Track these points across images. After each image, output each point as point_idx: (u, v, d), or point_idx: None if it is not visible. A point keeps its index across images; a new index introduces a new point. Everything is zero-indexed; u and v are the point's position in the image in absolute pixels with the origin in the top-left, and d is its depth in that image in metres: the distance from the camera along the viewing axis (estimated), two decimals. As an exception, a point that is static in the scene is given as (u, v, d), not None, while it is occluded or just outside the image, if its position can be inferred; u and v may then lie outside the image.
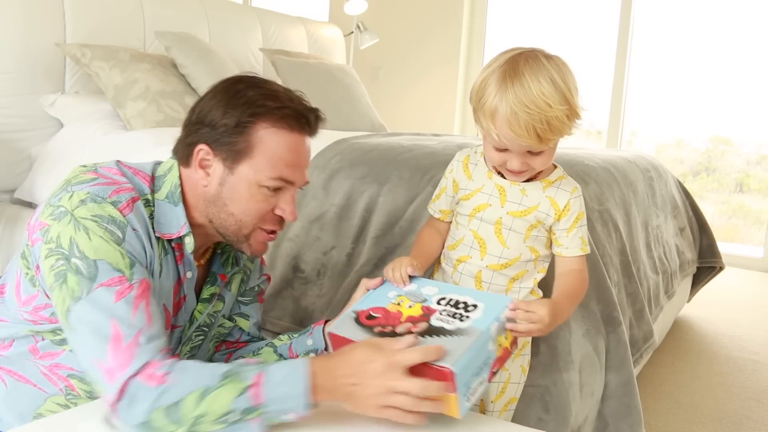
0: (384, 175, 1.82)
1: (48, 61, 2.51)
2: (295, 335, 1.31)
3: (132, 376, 0.93)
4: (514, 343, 1.09)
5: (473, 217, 1.26)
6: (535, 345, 1.40)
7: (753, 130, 4.35)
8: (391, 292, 1.15)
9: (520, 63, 1.10)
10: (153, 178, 1.13)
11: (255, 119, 1.08)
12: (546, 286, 1.32)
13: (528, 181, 1.23)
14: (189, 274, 1.16)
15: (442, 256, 1.33)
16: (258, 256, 1.29)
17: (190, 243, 1.12)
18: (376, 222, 1.75)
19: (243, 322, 1.34)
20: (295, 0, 5.02)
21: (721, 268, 2.90)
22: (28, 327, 1.09)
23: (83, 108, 2.54)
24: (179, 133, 1.17)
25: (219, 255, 1.26)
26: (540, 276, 1.31)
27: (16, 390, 1.11)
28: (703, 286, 2.96)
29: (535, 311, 1.05)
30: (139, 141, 2.31)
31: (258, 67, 3.43)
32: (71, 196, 1.02)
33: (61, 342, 1.09)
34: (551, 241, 1.27)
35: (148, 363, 0.94)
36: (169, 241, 1.11)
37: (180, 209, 1.12)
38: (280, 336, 1.33)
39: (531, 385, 1.37)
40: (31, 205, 2.54)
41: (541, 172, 1.24)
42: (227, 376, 0.93)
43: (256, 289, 1.35)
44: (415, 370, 0.94)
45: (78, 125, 2.50)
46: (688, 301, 3.01)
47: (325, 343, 1.25)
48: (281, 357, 1.29)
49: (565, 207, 1.22)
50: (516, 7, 4.90)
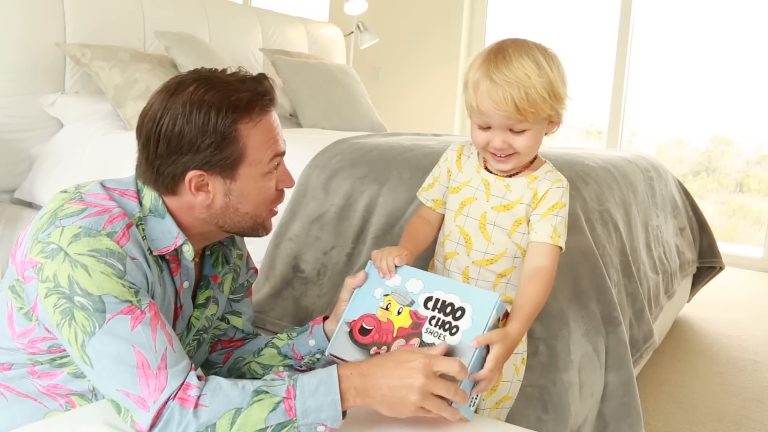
0: (384, 175, 1.82)
1: (48, 61, 2.52)
2: (294, 334, 1.31)
3: (166, 401, 0.93)
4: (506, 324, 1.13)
5: (459, 212, 1.26)
6: (534, 345, 1.40)
7: (753, 130, 4.35)
8: (377, 289, 1.17)
9: (507, 43, 1.16)
10: (137, 192, 1.09)
11: (236, 124, 1.05)
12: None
13: (513, 175, 1.23)
14: (186, 284, 1.14)
15: (435, 252, 1.33)
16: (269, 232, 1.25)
17: (189, 251, 1.10)
18: (376, 222, 1.75)
19: (236, 320, 1.34)
20: (295, 0, 5.02)
21: (721, 268, 2.90)
22: (26, 357, 1.07)
23: (83, 108, 2.54)
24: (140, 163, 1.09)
25: (208, 257, 1.24)
26: None
27: (17, 403, 1.10)
28: (703, 286, 2.96)
29: (493, 377, 1.06)
30: (139, 141, 2.31)
31: (258, 67, 3.43)
32: (62, 232, 0.97)
33: (59, 365, 1.07)
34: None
35: (180, 386, 0.95)
36: (161, 255, 1.08)
37: (168, 220, 1.08)
38: (279, 335, 1.32)
39: (530, 385, 1.37)
40: (31, 205, 2.54)
41: (527, 167, 1.23)
42: (258, 392, 0.95)
43: (245, 284, 1.34)
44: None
45: (78, 125, 2.50)
46: (688, 301, 3.01)
47: (327, 343, 1.25)
48: (285, 358, 1.30)
49: (543, 195, 1.21)
50: (516, 7, 4.90)
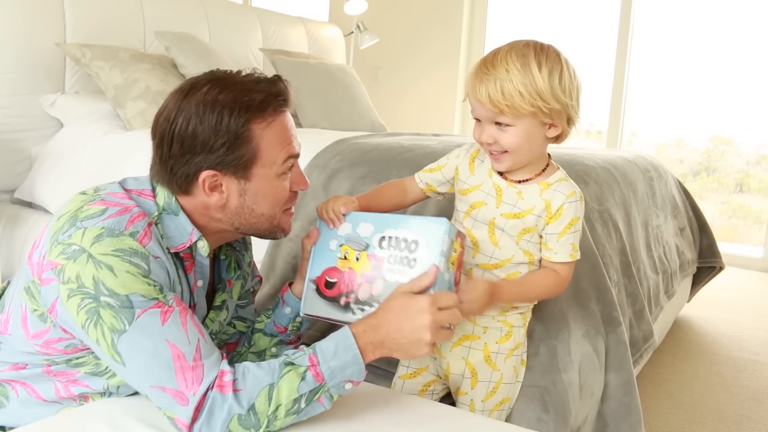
0: (384, 175, 1.81)
1: (48, 61, 2.51)
2: (269, 312, 1.33)
3: (206, 392, 0.95)
4: (463, 245, 1.16)
5: (468, 215, 1.25)
6: (534, 345, 1.40)
7: (753, 129, 4.34)
8: (332, 241, 1.21)
9: (511, 43, 1.17)
10: (153, 191, 1.10)
11: (249, 124, 1.06)
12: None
13: (525, 182, 1.22)
14: (200, 283, 1.14)
15: None
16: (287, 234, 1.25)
17: (204, 246, 1.11)
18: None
19: (242, 326, 1.34)
20: (295, 0, 5.02)
21: (721, 268, 2.90)
22: (41, 358, 1.07)
23: (83, 108, 2.54)
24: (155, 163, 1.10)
25: (223, 261, 1.25)
26: None
27: (32, 399, 1.10)
28: (703, 286, 2.96)
29: (470, 292, 1.13)
30: (139, 141, 2.31)
31: (258, 67, 3.43)
32: (84, 233, 0.98)
33: (75, 365, 1.07)
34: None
35: (217, 375, 0.97)
36: (176, 252, 1.09)
37: (182, 217, 1.09)
38: (258, 319, 1.34)
39: (530, 385, 1.37)
40: (31, 205, 2.54)
41: (539, 174, 1.22)
42: (285, 365, 0.98)
43: (250, 290, 1.35)
44: None
45: (78, 125, 2.50)
46: (688, 301, 3.01)
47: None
48: (273, 336, 1.32)
49: (557, 211, 1.19)
50: (516, 7, 4.90)
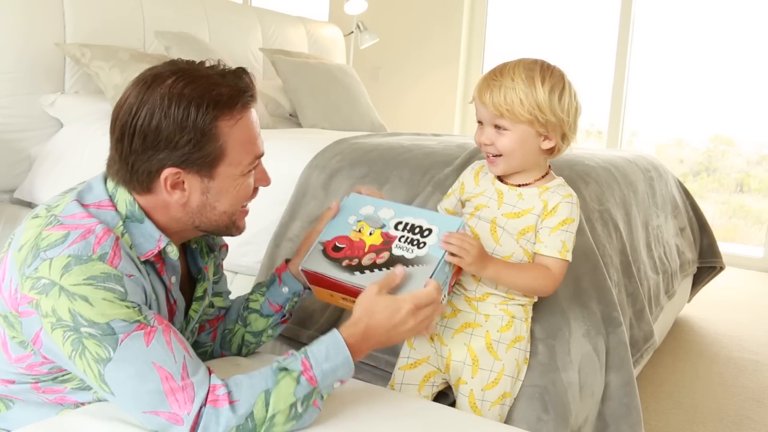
0: (384, 175, 1.81)
1: (48, 61, 2.51)
2: (264, 289, 1.33)
3: (199, 410, 0.95)
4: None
5: (473, 215, 1.34)
6: (534, 345, 1.40)
7: (754, 129, 4.34)
8: (351, 217, 1.24)
9: (521, 59, 1.26)
10: (110, 198, 1.06)
11: (216, 121, 1.02)
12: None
13: (525, 186, 1.31)
14: (173, 279, 1.14)
15: None
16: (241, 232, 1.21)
17: (173, 251, 1.09)
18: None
19: (219, 301, 1.35)
20: (295, 0, 5.01)
21: (721, 268, 2.89)
22: (26, 377, 1.06)
23: (83, 108, 2.53)
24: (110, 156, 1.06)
25: (196, 249, 1.24)
26: None
27: (27, 409, 1.10)
28: (703, 286, 2.96)
29: (466, 242, 1.18)
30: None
31: (258, 66, 3.43)
32: (50, 264, 0.94)
33: (62, 382, 1.06)
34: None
35: (208, 391, 0.96)
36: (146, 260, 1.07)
37: (148, 224, 1.06)
38: (251, 297, 1.34)
39: (530, 384, 1.37)
40: (30, 205, 2.54)
41: (539, 179, 1.31)
42: (279, 371, 0.99)
43: (219, 263, 1.33)
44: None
45: (78, 125, 2.50)
46: (689, 301, 3.01)
47: (300, 284, 1.31)
48: (270, 317, 1.32)
49: (553, 208, 1.28)
50: (516, 7, 4.89)
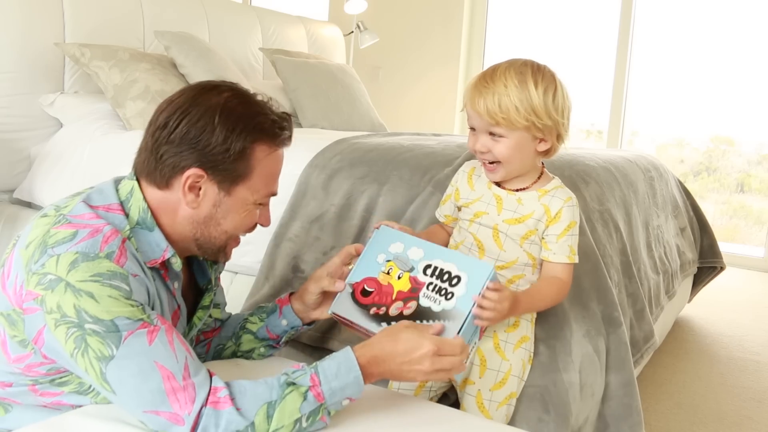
0: (384, 175, 1.81)
1: (47, 61, 2.51)
2: (264, 315, 1.33)
3: (200, 411, 0.95)
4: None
5: (473, 222, 1.33)
6: (535, 345, 1.40)
7: (754, 129, 4.34)
8: (380, 255, 1.25)
9: (510, 60, 1.25)
10: (121, 204, 1.07)
11: (255, 144, 1.07)
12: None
13: (523, 190, 1.30)
14: (176, 284, 1.14)
15: None
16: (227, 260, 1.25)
17: (177, 263, 1.10)
18: (376, 222, 1.74)
19: (216, 312, 1.35)
20: (295, 0, 5.01)
21: (722, 268, 2.89)
22: (25, 379, 1.06)
23: (82, 108, 2.53)
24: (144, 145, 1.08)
25: (203, 261, 1.24)
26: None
27: (26, 411, 1.09)
28: (704, 286, 2.95)
29: (500, 303, 1.15)
30: (138, 141, 2.29)
31: (258, 66, 3.43)
32: (57, 260, 0.95)
33: (59, 385, 1.06)
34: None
35: (209, 392, 0.96)
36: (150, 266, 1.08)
37: (157, 233, 1.08)
38: (250, 319, 1.34)
39: (531, 385, 1.37)
40: (30, 205, 2.53)
41: (535, 182, 1.30)
42: (288, 385, 0.98)
43: (217, 275, 1.34)
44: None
45: (77, 125, 2.49)
46: (689, 301, 3.00)
47: (299, 320, 1.31)
48: (264, 341, 1.32)
49: (557, 214, 1.27)
50: (516, 7, 4.89)
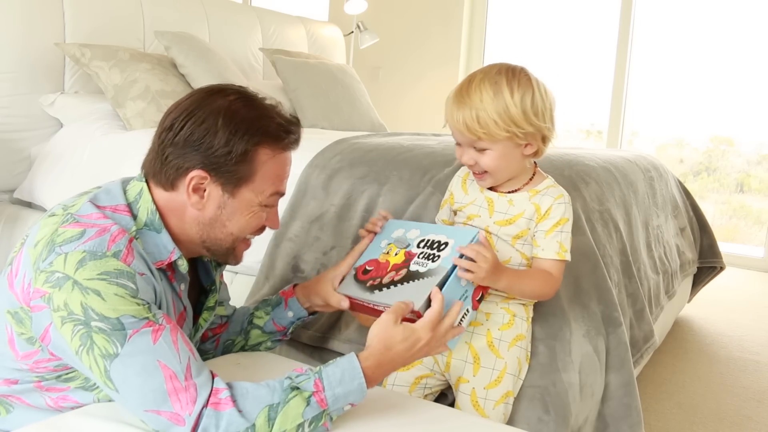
0: (384, 175, 1.81)
1: (47, 61, 2.51)
2: (269, 309, 1.35)
3: (201, 411, 0.95)
4: None
5: (466, 224, 1.35)
6: (534, 345, 1.40)
7: (754, 129, 4.34)
8: (383, 241, 1.32)
9: (484, 69, 1.25)
10: (128, 206, 1.08)
11: (258, 146, 1.08)
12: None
13: (515, 192, 1.31)
14: (182, 286, 1.15)
15: None
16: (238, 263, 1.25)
17: (183, 265, 1.11)
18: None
19: (221, 309, 1.36)
20: (295, 0, 5.01)
21: (721, 268, 2.89)
22: (32, 375, 1.06)
23: (83, 108, 2.53)
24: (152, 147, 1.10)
25: (208, 262, 1.25)
26: None
27: (27, 412, 1.10)
28: (703, 286, 2.96)
29: (485, 255, 1.16)
30: (138, 141, 2.31)
31: (258, 66, 3.43)
32: (65, 259, 0.96)
33: (66, 380, 1.07)
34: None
35: (210, 393, 0.96)
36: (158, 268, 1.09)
37: (164, 235, 1.08)
38: (256, 314, 1.36)
39: (531, 385, 1.36)
40: (30, 205, 2.54)
41: (527, 183, 1.31)
42: (291, 389, 0.99)
43: (220, 274, 1.35)
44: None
45: (77, 125, 2.50)
46: (689, 301, 3.00)
47: (305, 310, 1.35)
48: (272, 334, 1.35)
49: (546, 211, 1.28)
50: (516, 7, 4.89)
